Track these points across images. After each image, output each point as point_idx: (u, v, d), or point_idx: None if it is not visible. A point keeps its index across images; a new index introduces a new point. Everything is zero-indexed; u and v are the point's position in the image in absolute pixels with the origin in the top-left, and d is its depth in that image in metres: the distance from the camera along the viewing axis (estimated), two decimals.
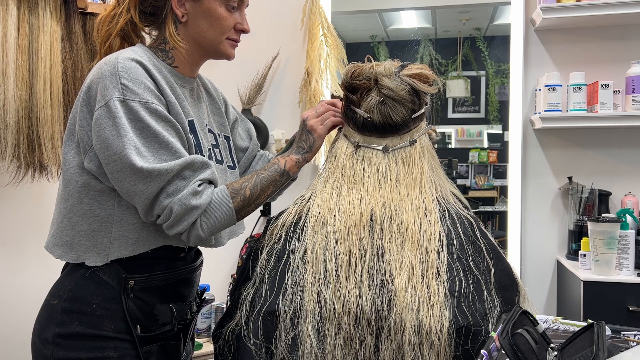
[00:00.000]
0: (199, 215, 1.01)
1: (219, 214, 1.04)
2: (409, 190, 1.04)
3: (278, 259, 1.04)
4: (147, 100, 1.00)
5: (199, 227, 1.02)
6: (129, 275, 1.07)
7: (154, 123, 0.99)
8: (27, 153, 1.85)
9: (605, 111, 2.01)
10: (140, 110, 0.99)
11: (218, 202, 1.04)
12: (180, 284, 1.16)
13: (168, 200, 1.00)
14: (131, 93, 0.99)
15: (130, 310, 1.07)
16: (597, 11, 2.02)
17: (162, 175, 0.98)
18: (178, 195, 1.00)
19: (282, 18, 2.44)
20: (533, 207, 2.25)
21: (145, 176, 0.97)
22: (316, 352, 0.95)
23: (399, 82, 1.07)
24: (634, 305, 1.77)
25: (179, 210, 0.99)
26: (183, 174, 1.01)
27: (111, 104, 0.98)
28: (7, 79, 1.80)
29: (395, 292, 0.94)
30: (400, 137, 1.09)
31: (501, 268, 1.01)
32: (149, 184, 0.98)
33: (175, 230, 1.02)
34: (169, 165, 0.99)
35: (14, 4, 1.82)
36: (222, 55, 1.16)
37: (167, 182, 0.99)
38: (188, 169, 1.01)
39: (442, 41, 2.69)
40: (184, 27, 1.11)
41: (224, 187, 1.07)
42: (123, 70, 1.00)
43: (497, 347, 0.81)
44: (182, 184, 1.00)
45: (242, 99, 2.40)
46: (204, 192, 1.02)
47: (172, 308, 1.12)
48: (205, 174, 1.04)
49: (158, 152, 0.99)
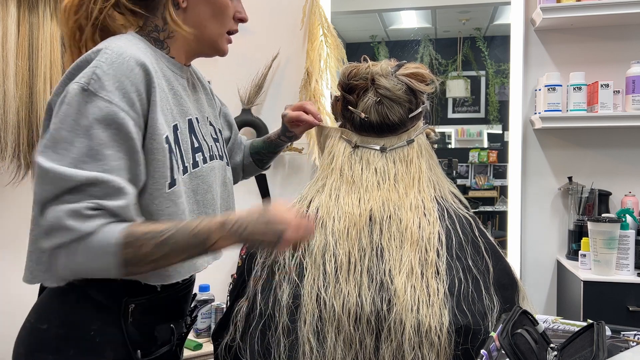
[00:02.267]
0: (68, 240, 0.80)
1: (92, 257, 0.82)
2: (408, 190, 1.04)
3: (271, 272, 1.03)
4: (111, 101, 0.84)
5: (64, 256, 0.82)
6: (130, 299, 0.95)
7: (100, 128, 0.83)
8: (27, 153, 1.85)
9: (605, 111, 2.01)
10: (94, 108, 0.83)
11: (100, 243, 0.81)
12: (179, 300, 1.06)
13: (54, 207, 0.81)
14: (98, 86, 0.83)
15: (131, 334, 0.95)
16: (597, 11, 2.02)
17: (60, 180, 0.80)
18: (60, 206, 0.80)
19: (282, 18, 2.44)
20: (533, 207, 2.25)
21: (41, 175, 0.82)
22: (316, 355, 0.94)
23: (396, 81, 1.07)
24: (634, 305, 1.77)
25: (51, 221, 0.80)
26: (87, 189, 0.81)
27: (71, 87, 0.84)
28: (7, 79, 1.80)
29: (394, 292, 0.94)
30: (398, 137, 1.09)
31: (500, 267, 1.01)
32: (44, 186, 0.81)
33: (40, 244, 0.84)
34: (71, 172, 0.80)
35: (14, 4, 1.82)
36: (218, 51, 1.06)
37: (65, 190, 0.81)
38: (96, 186, 0.81)
39: (442, 41, 2.69)
40: (183, 14, 0.99)
41: (124, 229, 0.83)
42: (106, 62, 0.85)
43: (497, 347, 0.81)
44: (77, 199, 0.81)
45: (242, 99, 2.40)
46: (92, 219, 0.81)
47: (172, 327, 1.03)
48: (110, 202, 0.82)
49: (81, 158, 0.82)
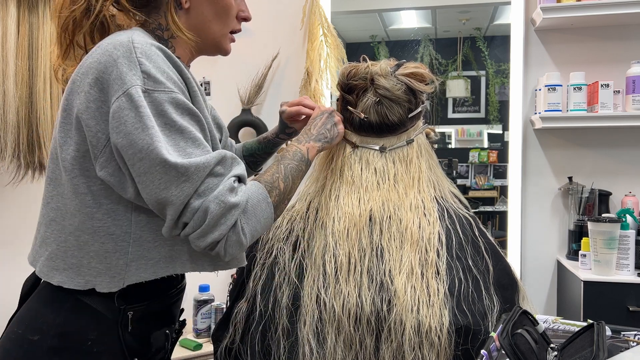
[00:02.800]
0: (238, 215, 0.85)
1: (260, 212, 0.89)
2: (408, 190, 1.04)
3: (271, 273, 1.03)
4: (172, 90, 0.84)
5: (240, 231, 0.85)
6: (128, 306, 0.93)
7: (179, 117, 0.84)
8: (27, 153, 1.85)
9: (605, 111, 2.01)
10: (164, 103, 0.83)
11: (256, 199, 0.89)
12: (173, 305, 1.05)
13: (199, 201, 0.82)
14: (153, 82, 0.83)
15: (128, 343, 0.94)
16: (597, 11, 2.02)
17: (198, 171, 0.82)
18: (212, 193, 0.83)
19: (282, 18, 2.44)
20: (533, 207, 2.25)
21: (180, 174, 0.81)
22: (316, 356, 0.94)
23: (395, 81, 1.07)
24: (634, 305, 1.77)
25: (217, 209, 0.82)
26: (215, 170, 0.85)
27: (133, 91, 0.81)
28: (7, 79, 1.80)
29: (394, 292, 0.94)
30: (397, 137, 1.09)
31: (500, 267, 1.01)
32: (183, 184, 0.81)
33: (211, 238, 0.83)
34: (204, 159, 0.83)
35: (14, 4, 1.82)
36: (221, 51, 1.05)
37: (203, 179, 0.83)
38: (220, 164, 0.86)
39: (442, 41, 2.69)
40: (185, 14, 0.97)
41: (256, 182, 0.92)
42: (142, 55, 0.84)
43: (497, 347, 0.81)
44: (215, 182, 0.84)
45: (242, 99, 2.40)
46: (239, 189, 0.87)
47: (167, 333, 1.02)
48: (237, 169, 0.88)
49: (185, 150, 0.83)
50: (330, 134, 1.07)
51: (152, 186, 0.82)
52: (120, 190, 0.88)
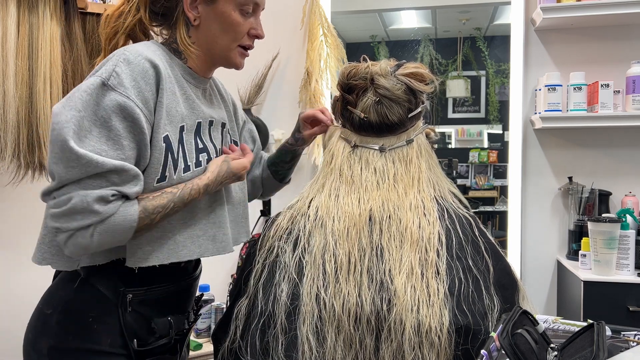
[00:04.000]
0: (94, 222, 0.89)
1: (119, 230, 0.92)
2: (407, 190, 1.04)
3: (272, 270, 1.03)
4: (128, 96, 0.92)
5: (89, 236, 0.90)
6: (127, 289, 1.01)
7: (117, 120, 0.91)
8: (27, 153, 1.85)
9: (605, 111, 2.01)
10: (112, 101, 0.90)
11: (122, 217, 0.92)
12: (179, 295, 1.11)
13: (74, 187, 0.89)
14: (117, 82, 0.91)
15: (128, 324, 1.02)
16: (597, 11, 2.02)
17: (89, 165, 0.88)
18: (86, 191, 0.89)
19: (282, 18, 2.44)
20: (533, 207, 2.25)
21: (72, 159, 0.87)
22: (316, 355, 0.94)
23: (395, 81, 1.07)
24: (634, 305, 1.77)
25: (78, 205, 0.88)
26: (109, 176, 0.90)
27: (92, 79, 0.91)
28: (7, 79, 1.80)
29: (394, 292, 0.94)
30: (397, 137, 1.09)
31: (500, 267, 1.01)
32: (71, 169, 0.88)
33: (57, 224, 0.90)
34: (102, 159, 0.88)
35: (14, 4, 1.82)
36: (231, 64, 1.12)
37: (90, 175, 0.89)
38: (117, 174, 0.91)
39: (442, 41, 2.69)
40: (196, 31, 1.06)
41: (135, 204, 0.94)
42: (124, 61, 0.93)
43: (497, 347, 0.81)
44: (98, 183, 0.90)
45: (242, 99, 2.40)
46: (112, 202, 0.91)
47: (170, 321, 1.07)
48: (127, 188, 0.92)
49: (99, 145, 0.90)
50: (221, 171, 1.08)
51: (50, 156, 0.90)
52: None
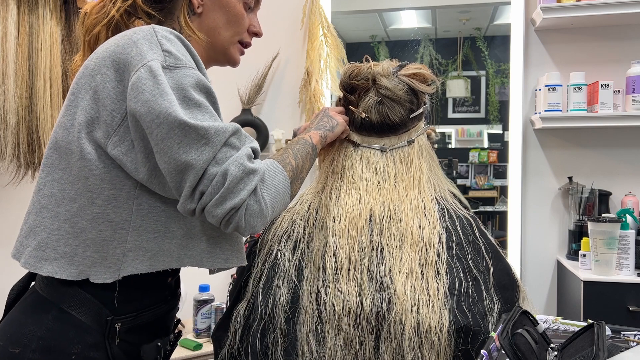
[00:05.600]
0: (257, 181, 0.83)
1: (278, 183, 0.88)
2: (408, 190, 1.04)
3: (271, 272, 1.03)
4: (193, 67, 0.85)
5: (261, 199, 0.83)
6: (116, 317, 0.89)
7: (196, 93, 0.84)
8: (27, 153, 1.85)
9: (605, 111, 2.01)
10: (184, 78, 0.83)
11: (273, 171, 0.88)
12: (166, 315, 1.01)
13: (217, 167, 0.81)
14: (174, 59, 0.84)
15: (116, 356, 0.89)
16: (597, 11, 2.02)
17: (218, 134, 0.81)
18: (231, 158, 0.82)
19: (282, 18, 2.44)
20: (533, 207, 2.25)
21: (200, 136, 0.80)
22: (316, 356, 0.94)
23: (397, 82, 1.07)
24: (634, 305, 1.77)
25: (237, 172, 0.81)
26: (231, 140, 0.84)
27: (153, 64, 0.81)
28: (7, 79, 1.80)
29: (394, 292, 0.94)
30: (398, 137, 1.09)
31: (500, 267, 1.01)
32: (203, 148, 0.80)
33: (230, 204, 0.80)
34: (222, 125, 0.83)
35: (14, 4, 1.82)
36: (229, 59, 1.07)
37: (221, 146, 0.82)
38: (236, 136, 0.85)
39: (442, 41, 2.69)
40: (198, 19, 0.99)
41: (269, 159, 0.92)
42: (163, 38, 0.85)
43: (497, 347, 0.81)
44: (231, 152, 0.83)
45: (242, 99, 2.40)
46: (255, 158, 0.87)
47: (159, 346, 0.97)
48: (252, 143, 0.88)
49: (202, 119, 0.83)
50: (329, 124, 1.08)
51: (171, 151, 0.80)
52: (132, 171, 0.86)
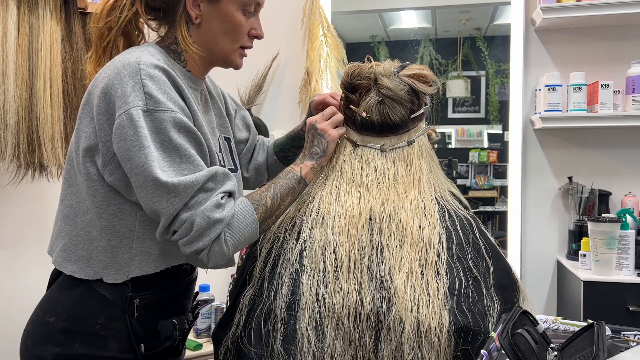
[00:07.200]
0: (222, 229, 0.94)
1: (244, 227, 0.97)
2: (408, 190, 1.04)
3: (276, 260, 1.04)
4: (172, 109, 0.93)
5: (223, 243, 0.95)
6: (135, 294, 1.01)
7: (176, 135, 0.93)
8: (27, 153, 1.85)
9: (605, 111, 2.01)
10: (164, 121, 0.91)
11: (242, 215, 0.97)
12: (181, 296, 1.12)
13: (188, 213, 0.92)
14: (155, 102, 0.91)
15: (135, 329, 1.02)
16: (597, 11, 2.02)
17: (187, 188, 0.91)
18: (200, 207, 0.92)
19: (282, 18, 2.44)
20: (533, 207, 2.25)
21: (169, 191, 0.90)
22: (314, 350, 0.94)
23: (398, 82, 1.07)
24: (634, 305, 1.77)
25: (202, 223, 0.92)
26: (206, 186, 0.94)
27: (133, 112, 0.90)
28: (7, 79, 1.80)
29: (394, 291, 0.94)
30: (398, 137, 1.09)
31: (500, 268, 1.01)
32: (173, 199, 0.91)
33: (195, 247, 0.93)
34: (194, 177, 0.92)
35: (14, 4, 1.82)
36: (230, 65, 1.11)
37: (193, 194, 0.93)
38: (211, 180, 0.95)
39: (442, 41, 2.69)
40: (197, 29, 1.04)
41: (244, 198, 1.01)
42: (147, 77, 0.92)
43: (497, 347, 0.81)
44: (204, 197, 0.93)
45: (242, 99, 2.40)
46: (226, 204, 0.96)
47: (174, 323, 1.08)
48: (227, 186, 0.97)
49: (179, 166, 0.93)
50: (320, 147, 1.08)
51: (146, 198, 0.92)
52: (127, 194, 0.98)
